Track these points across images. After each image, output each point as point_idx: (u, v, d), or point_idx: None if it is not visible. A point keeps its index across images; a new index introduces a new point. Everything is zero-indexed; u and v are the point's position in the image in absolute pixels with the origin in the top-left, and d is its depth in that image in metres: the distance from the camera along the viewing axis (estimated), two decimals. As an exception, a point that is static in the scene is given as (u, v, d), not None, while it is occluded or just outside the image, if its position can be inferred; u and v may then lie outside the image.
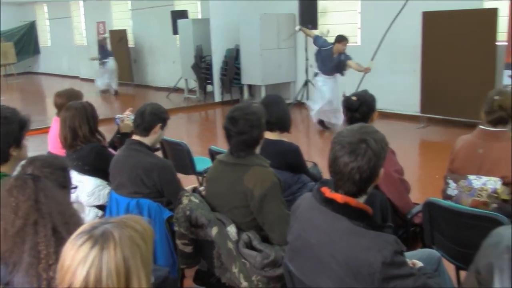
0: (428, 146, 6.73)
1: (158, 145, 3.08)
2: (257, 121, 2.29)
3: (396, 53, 8.13)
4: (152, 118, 2.79)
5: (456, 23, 7.08)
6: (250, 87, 10.40)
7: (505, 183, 2.46)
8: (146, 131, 2.80)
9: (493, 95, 2.54)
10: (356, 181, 1.64)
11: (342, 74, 7.45)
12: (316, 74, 7.74)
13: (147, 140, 2.82)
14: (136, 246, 1.11)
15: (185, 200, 2.37)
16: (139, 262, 1.10)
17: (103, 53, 12.51)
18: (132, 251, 1.10)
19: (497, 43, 6.89)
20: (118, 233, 1.11)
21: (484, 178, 2.48)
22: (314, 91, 8.08)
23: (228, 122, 2.30)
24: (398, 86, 8.20)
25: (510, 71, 6.67)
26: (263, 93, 9.48)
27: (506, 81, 6.68)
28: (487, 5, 7.25)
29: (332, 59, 7.31)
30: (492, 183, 2.44)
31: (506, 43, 6.72)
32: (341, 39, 7.25)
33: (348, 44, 7.38)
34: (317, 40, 7.54)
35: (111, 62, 12.48)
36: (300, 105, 9.56)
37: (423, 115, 7.66)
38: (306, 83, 9.42)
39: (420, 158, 6.66)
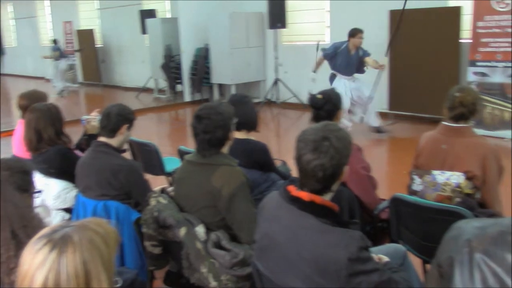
0: (396, 143, 6.82)
1: (125, 146, 3.05)
2: (222, 121, 2.29)
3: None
4: (118, 119, 2.76)
5: (422, 21, 7.22)
6: (220, 86, 10.38)
7: (468, 178, 2.52)
8: (112, 132, 2.76)
9: (454, 92, 2.60)
10: (319, 178, 1.66)
11: (362, 72, 6.89)
12: (332, 78, 6.98)
13: (114, 142, 2.79)
14: (96, 249, 1.10)
15: (153, 202, 2.36)
16: (99, 265, 1.09)
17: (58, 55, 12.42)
18: (93, 254, 1.09)
19: (461, 41, 7.05)
20: (78, 236, 1.09)
21: (448, 173, 2.54)
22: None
23: (194, 121, 2.30)
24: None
25: (474, 68, 6.83)
26: (233, 92, 9.48)
27: (470, 77, 6.84)
28: (452, 3, 7.40)
29: (352, 57, 6.75)
30: (456, 178, 2.50)
31: (470, 41, 6.88)
32: (355, 32, 6.67)
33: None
34: (327, 52, 6.93)
35: (62, 63, 12.37)
36: (270, 103, 9.59)
37: (391, 112, 7.78)
38: (276, 82, 9.46)
39: (388, 154, 6.76)
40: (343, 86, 6.78)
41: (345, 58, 6.78)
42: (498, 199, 2.63)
